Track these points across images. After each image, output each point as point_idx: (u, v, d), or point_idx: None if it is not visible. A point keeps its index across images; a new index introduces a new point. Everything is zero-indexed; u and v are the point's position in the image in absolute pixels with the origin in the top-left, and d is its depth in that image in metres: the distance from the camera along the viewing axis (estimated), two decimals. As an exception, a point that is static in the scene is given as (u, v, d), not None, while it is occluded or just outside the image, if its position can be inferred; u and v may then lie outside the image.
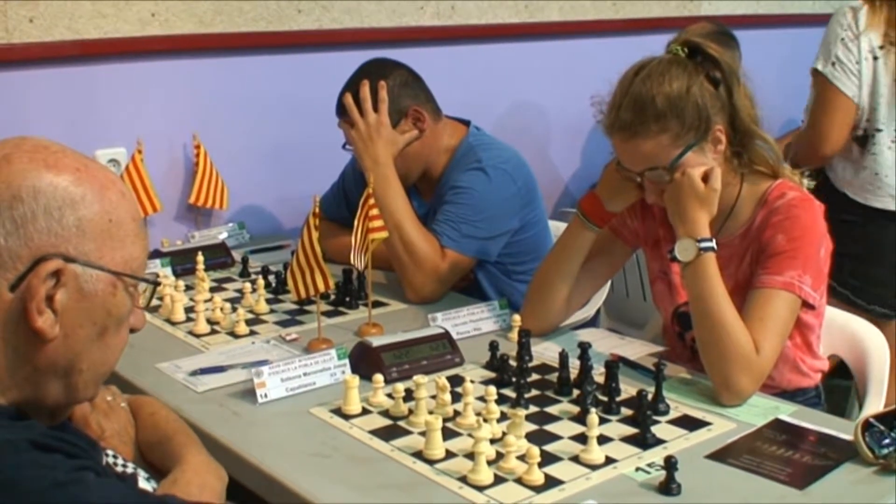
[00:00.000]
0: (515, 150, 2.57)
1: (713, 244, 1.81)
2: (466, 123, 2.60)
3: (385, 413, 1.72)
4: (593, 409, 1.60)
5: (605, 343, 2.05)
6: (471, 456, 1.50)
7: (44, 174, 1.08)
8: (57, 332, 1.08)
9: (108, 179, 1.14)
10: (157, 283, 1.23)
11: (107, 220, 1.11)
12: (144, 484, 1.28)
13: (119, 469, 1.27)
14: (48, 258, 1.06)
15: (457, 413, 1.69)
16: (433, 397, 1.73)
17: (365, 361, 1.87)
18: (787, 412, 1.72)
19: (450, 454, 1.56)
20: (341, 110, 2.49)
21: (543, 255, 2.25)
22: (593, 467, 1.52)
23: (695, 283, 1.81)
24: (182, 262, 2.57)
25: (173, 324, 2.20)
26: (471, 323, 2.14)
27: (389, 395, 1.74)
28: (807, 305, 1.85)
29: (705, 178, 1.83)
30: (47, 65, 2.67)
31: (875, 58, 2.56)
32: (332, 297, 2.34)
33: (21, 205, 1.06)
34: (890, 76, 2.58)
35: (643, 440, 1.60)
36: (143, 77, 2.82)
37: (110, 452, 1.29)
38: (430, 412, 1.67)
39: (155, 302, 2.09)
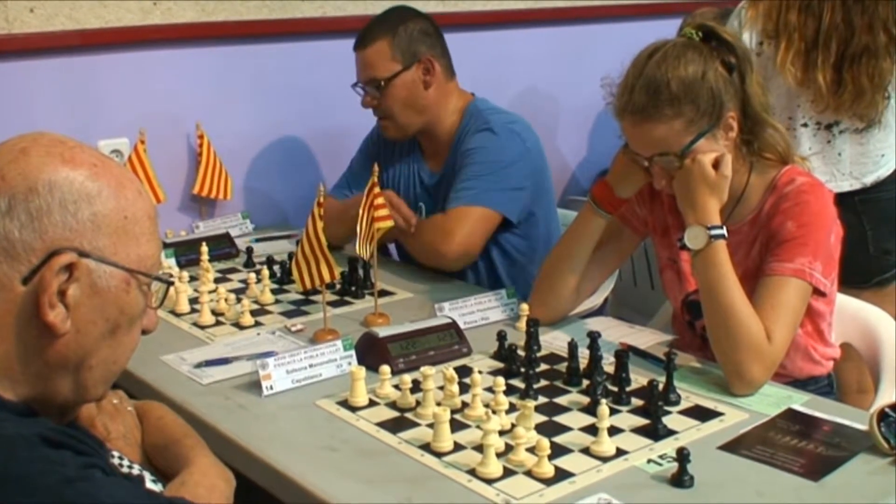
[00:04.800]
0: (528, 122, 2.57)
1: (723, 231, 1.79)
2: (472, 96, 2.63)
3: (392, 405, 1.70)
4: (603, 400, 1.58)
5: (614, 332, 2.03)
6: (479, 448, 1.49)
7: (60, 168, 1.08)
8: (68, 327, 1.07)
9: (124, 177, 1.14)
10: (170, 283, 1.22)
11: (122, 217, 1.11)
12: (151, 486, 1.26)
13: (125, 470, 1.26)
14: (62, 252, 1.06)
15: (465, 404, 1.67)
16: (441, 388, 1.71)
17: (371, 352, 1.85)
18: (800, 402, 1.70)
19: (458, 446, 1.54)
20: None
21: (550, 240, 2.23)
22: (604, 459, 1.50)
23: (705, 271, 1.79)
24: (186, 253, 2.55)
25: (178, 315, 2.19)
26: (478, 312, 2.12)
27: (396, 387, 1.72)
28: (817, 292, 1.82)
29: (715, 164, 1.81)
30: (48, 55, 2.65)
31: (758, 54, 2.42)
32: (338, 286, 2.33)
33: (37, 197, 1.06)
34: (775, 70, 2.41)
35: (654, 431, 1.58)
36: (145, 66, 2.80)
37: (116, 454, 1.28)
38: (438, 404, 1.65)
39: (159, 293, 2.07)
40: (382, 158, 2.59)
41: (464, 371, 1.78)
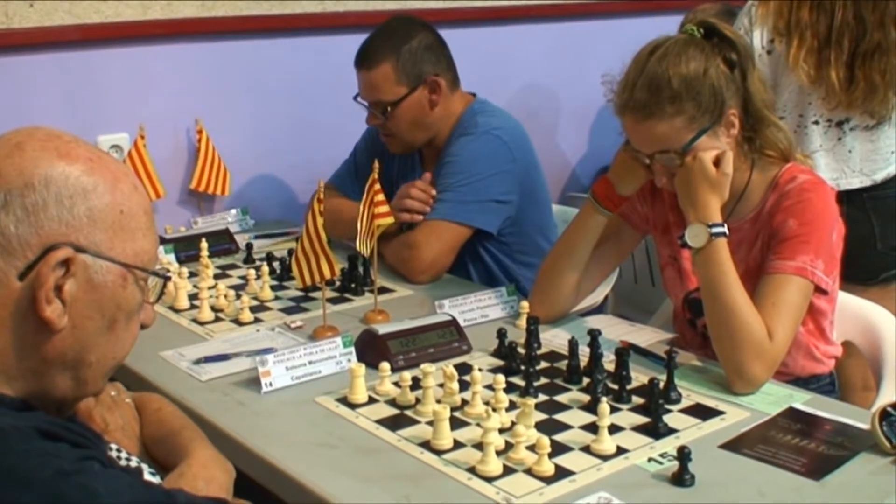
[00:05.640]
0: (520, 124, 2.54)
1: (725, 229, 1.78)
2: (473, 96, 2.61)
3: (392, 402, 1.69)
4: (604, 398, 1.58)
5: (614, 330, 2.02)
6: (479, 446, 1.48)
7: (56, 163, 1.07)
8: (65, 323, 1.07)
9: (120, 171, 1.13)
10: (167, 278, 1.22)
11: (118, 212, 1.10)
12: (150, 478, 1.26)
13: (123, 463, 1.26)
14: (58, 247, 1.05)
15: (465, 402, 1.66)
16: (441, 386, 1.70)
17: (371, 349, 1.85)
18: (802, 400, 1.69)
19: (458, 444, 1.53)
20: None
21: (545, 247, 2.22)
22: (604, 458, 1.49)
23: (706, 269, 1.78)
24: (185, 249, 2.54)
25: (177, 311, 2.18)
26: (478, 310, 2.11)
27: (396, 384, 1.72)
28: (819, 290, 1.82)
29: (716, 162, 1.80)
30: (48, 50, 2.64)
31: (769, 52, 2.42)
32: (338, 283, 2.32)
33: (32, 192, 1.05)
34: (787, 67, 2.39)
35: (655, 430, 1.57)
36: (144, 62, 2.80)
37: (114, 446, 1.28)
38: (438, 401, 1.64)
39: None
40: (383, 154, 2.59)
41: (464, 368, 1.77)
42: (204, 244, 2.45)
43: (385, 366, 1.74)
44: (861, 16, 2.31)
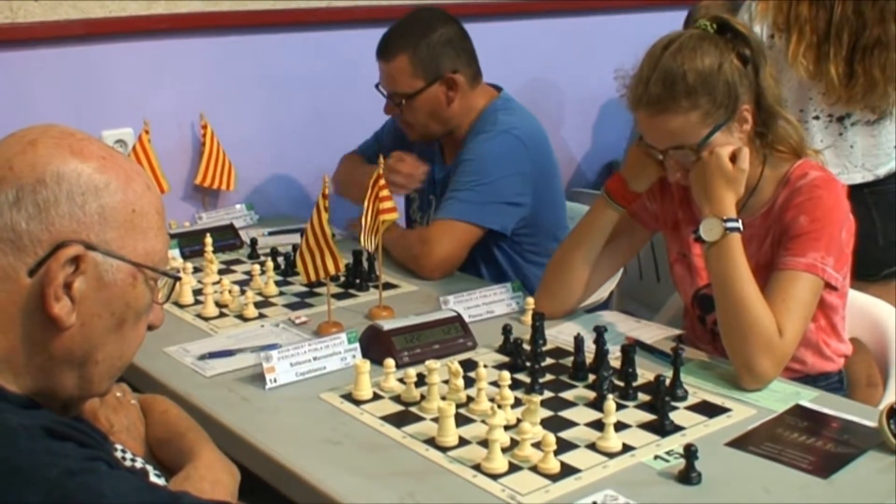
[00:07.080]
0: (540, 125, 2.53)
1: (739, 224, 1.78)
2: (499, 89, 2.59)
3: (397, 398, 1.69)
4: (610, 395, 1.57)
5: (620, 326, 2.01)
6: (485, 443, 1.47)
7: (69, 160, 1.07)
8: (73, 321, 1.07)
9: (133, 171, 1.13)
10: (177, 278, 1.22)
11: (130, 211, 1.10)
12: (155, 480, 1.25)
13: (128, 464, 1.25)
14: (68, 244, 1.05)
15: (470, 399, 1.65)
16: (446, 382, 1.70)
17: (376, 345, 1.84)
18: (808, 398, 1.68)
19: (463, 441, 1.53)
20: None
21: (558, 237, 2.20)
22: (610, 455, 1.48)
23: (719, 263, 1.78)
24: (190, 244, 2.54)
25: (181, 307, 2.17)
26: (483, 306, 2.10)
27: (401, 380, 1.71)
28: (830, 287, 1.81)
29: (733, 157, 1.79)
30: (52, 44, 2.64)
31: (769, 47, 2.37)
32: (342, 279, 2.31)
33: (44, 189, 1.05)
34: (787, 63, 2.38)
35: (661, 427, 1.56)
36: (149, 56, 2.79)
37: (119, 447, 1.27)
38: (443, 398, 1.64)
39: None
40: (405, 139, 2.58)
41: (469, 365, 1.77)
42: (208, 239, 2.44)
43: (390, 362, 1.73)
44: (860, 10, 2.30)
